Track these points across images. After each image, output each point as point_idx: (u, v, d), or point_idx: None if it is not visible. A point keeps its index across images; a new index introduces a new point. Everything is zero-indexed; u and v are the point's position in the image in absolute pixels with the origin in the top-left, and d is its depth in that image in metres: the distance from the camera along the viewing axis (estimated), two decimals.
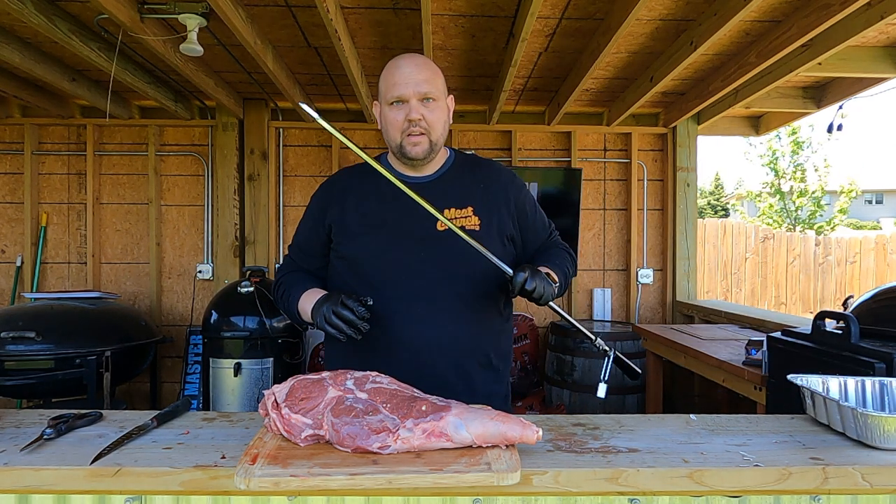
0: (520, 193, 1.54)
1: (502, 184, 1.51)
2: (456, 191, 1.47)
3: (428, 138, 1.40)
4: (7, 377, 2.94)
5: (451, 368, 1.39)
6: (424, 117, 1.38)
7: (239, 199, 4.18)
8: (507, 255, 1.47)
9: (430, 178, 1.50)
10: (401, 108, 1.39)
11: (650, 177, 4.51)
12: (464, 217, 1.43)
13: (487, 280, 1.42)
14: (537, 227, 1.58)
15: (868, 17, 2.49)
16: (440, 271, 1.39)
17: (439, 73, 1.44)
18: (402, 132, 1.41)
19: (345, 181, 1.55)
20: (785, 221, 12.95)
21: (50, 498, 0.94)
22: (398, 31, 2.90)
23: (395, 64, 1.41)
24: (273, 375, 3.42)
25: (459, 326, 1.40)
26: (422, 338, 1.38)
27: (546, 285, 1.30)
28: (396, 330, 1.38)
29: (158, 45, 2.73)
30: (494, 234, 1.45)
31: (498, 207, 1.47)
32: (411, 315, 1.38)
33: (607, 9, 2.62)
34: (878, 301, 1.91)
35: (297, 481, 0.85)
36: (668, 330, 3.39)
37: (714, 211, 27.03)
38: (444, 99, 1.43)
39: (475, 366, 1.43)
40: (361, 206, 1.47)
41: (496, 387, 1.48)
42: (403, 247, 1.40)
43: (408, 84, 1.37)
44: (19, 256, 4.19)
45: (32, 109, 4.09)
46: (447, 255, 1.39)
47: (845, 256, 7.89)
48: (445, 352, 1.39)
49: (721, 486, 0.92)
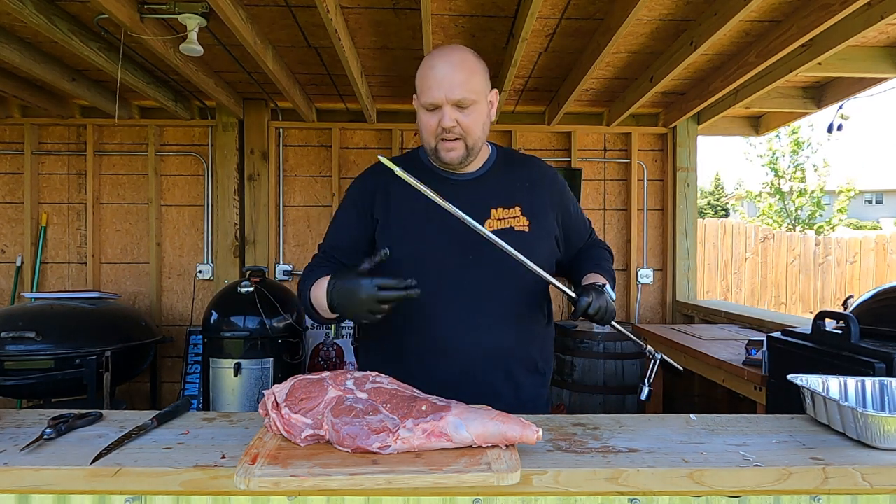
0: (563, 192, 1.48)
1: (546, 182, 1.45)
2: (502, 189, 1.39)
3: (464, 143, 1.32)
4: (7, 377, 2.94)
5: (499, 376, 1.34)
6: (459, 123, 1.29)
7: (239, 199, 4.18)
8: (554, 257, 1.43)
9: (473, 176, 1.41)
10: (435, 113, 1.30)
11: (650, 177, 4.51)
12: (512, 217, 1.36)
13: (536, 282, 1.36)
14: (580, 226, 1.53)
15: (868, 17, 2.49)
16: (488, 274, 1.31)
17: (477, 69, 1.32)
18: (436, 137, 1.32)
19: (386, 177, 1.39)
20: (785, 221, 12.95)
21: (50, 498, 0.94)
22: (398, 31, 2.90)
23: (429, 63, 1.31)
24: (273, 375, 3.42)
25: (508, 333, 1.34)
26: (470, 345, 1.31)
27: (608, 305, 1.25)
28: (443, 337, 1.31)
29: (158, 45, 2.73)
30: (544, 234, 1.39)
31: (544, 206, 1.41)
32: (458, 321, 1.31)
33: (607, 9, 2.62)
34: (878, 301, 1.91)
35: (297, 481, 0.85)
36: (668, 330, 3.40)
37: (714, 211, 27.03)
38: (482, 99, 1.32)
39: (523, 372, 1.38)
40: (404, 204, 1.37)
41: (542, 390, 1.44)
42: (449, 248, 1.33)
43: (441, 88, 1.27)
44: (19, 256, 4.19)
45: (32, 109, 4.09)
46: (495, 256, 1.31)
47: (845, 256, 7.88)
48: (495, 360, 1.33)
49: (721, 486, 0.92)
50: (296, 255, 4.35)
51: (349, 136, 4.38)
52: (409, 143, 4.38)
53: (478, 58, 1.33)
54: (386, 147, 4.36)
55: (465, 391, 1.09)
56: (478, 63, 1.32)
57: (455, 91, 1.26)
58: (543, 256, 1.38)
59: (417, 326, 1.31)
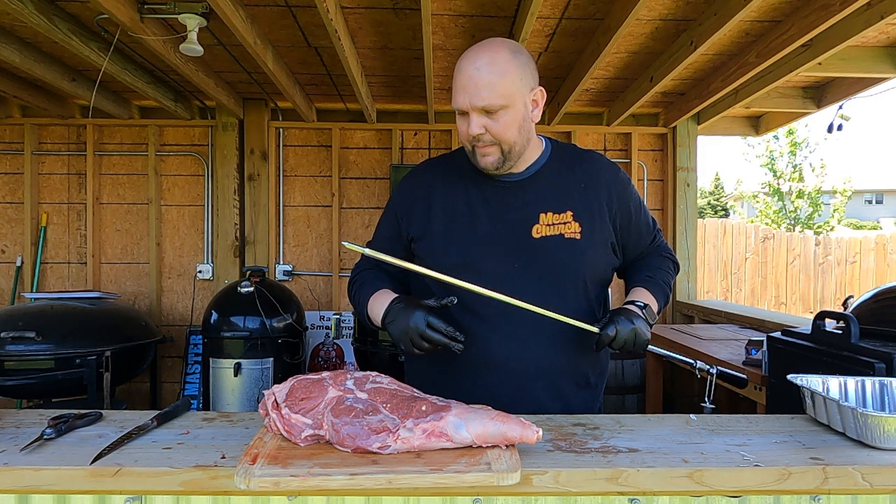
0: (624, 192, 1.36)
1: (605, 182, 1.33)
2: (553, 191, 1.30)
3: (499, 149, 1.23)
4: (7, 377, 2.94)
5: (547, 392, 1.28)
6: (488, 129, 1.21)
7: (239, 199, 4.17)
8: (610, 265, 1.36)
9: (522, 176, 1.32)
10: (465, 118, 1.22)
11: (650, 177, 4.51)
12: (562, 223, 1.27)
13: (587, 291, 1.31)
14: (641, 230, 1.42)
15: (868, 17, 2.49)
16: (534, 282, 1.24)
17: (510, 69, 1.19)
18: (470, 143, 1.25)
19: (430, 180, 1.36)
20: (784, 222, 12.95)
21: (50, 498, 0.94)
22: (398, 31, 2.90)
23: (459, 64, 1.22)
24: (273, 375, 3.42)
25: (558, 346, 1.27)
26: (517, 359, 1.26)
27: (638, 336, 1.19)
28: (488, 350, 1.26)
29: (158, 45, 2.73)
30: (598, 241, 1.30)
31: (601, 210, 1.31)
32: (505, 334, 1.25)
33: (607, 9, 2.62)
34: (878, 301, 1.91)
35: (297, 481, 0.85)
36: (668, 330, 3.40)
37: (714, 211, 27.03)
38: (516, 102, 1.21)
39: (573, 387, 1.32)
40: (448, 209, 1.31)
41: (592, 404, 1.37)
42: (494, 256, 1.25)
43: (465, 94, 1.19)
44: (19, 256, 4.19)
45: (32, 109, 4.09)
46: (544, 264, 1.25)
47: (845, 256, 7.88)
48: (543, 375, 1.27)
49: (721, 486, 0.92)
50: (296, 255, 4.35)
51: (349, 136, 4.37)
52: (409, 143, 4.38)
53: (515, 53, 1.21)
54: (386, 147, 4.36)
55: (512, 407, 1.06)
56: (512, 61, 1.20)
57: (479, 97, 1.18)
58: (596, 265, 1.32)
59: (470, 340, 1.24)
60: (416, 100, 4.13)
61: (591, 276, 1.32)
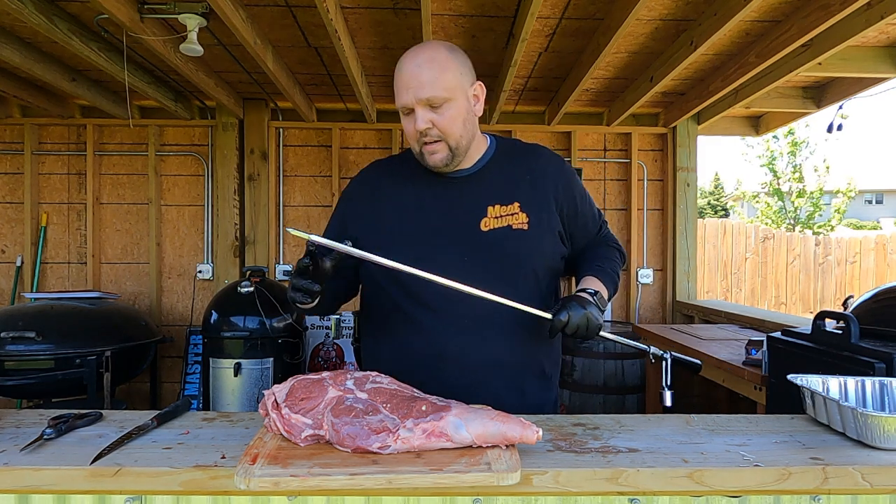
0: (570, 183, 1.39)
1: (551, 173, 1.36)
2: (500, 184, 1.33)
3: (445, 144, 1.26)
4: (7, 377, 2.94)
5: (505, 384, 1.29)
6: (435, 124, 1.23)
7: (239, 199, 4.17)
8: (558, 254, 1.38)
9: (469, 172, 1.35)
10: (410, 117, 1.26)
11: (650, 177, 4.51)
12: (510, 215, 1.30)
13: (538, 281, 1.32)
14: (587, 220, 1.44)
15: (868, 17, 2.49)
16: (485, 275, 1.23)
17: (449, 65, 1.24)
18: (419, 141, 1.28)
19: (378, 180, 1.40)
20: (784, 222, 12.96)
21: (50, 498, 0.94)
22: (398, 31, 2.90)
23: (398, 65, 1.26)
24: (273, 375, 3.42)
25: (513, 339, 1.29)
26: (471, 351, 1.26)
27: (591, 321, 1.19)
28: (443, 344, 1.26)
29: (158, 45, 2.73)
30: (546, 231, 1.32)
31: (547, 201, 1.33)
32: (457, 326, 1.26)
33: (607, 9, 2.62)
34: (878, 301, 1.91)
35: (297, 481, 0.85)
36: (668, 330, 3.40)
37: (714, 211, 27.02)
38: (458, 95, 1.24)
39: (529, 378, 1.34)
40: (397, 208, 1.33)
41: (547, 394, 1.39)
42: (443, 249, 1.26)
43: (409, 90, 1.22)
44: (19, 256, 4.19)
45: (32, 109, 4.09)
46: (493, 256, 1.27)
47: (845, 256, 7.89)
48: (498, 366, 1.28)
49: (721, 486, 0.92)
50: (296, 255, 4.35)
51: (349, 136, 4.38)
52: (408, 142, 4.37)
53: (452, 51, 1.26)
54: (386, 147, 4.36)
55: (467, 399, 1.07)
56: (450, 58, 1.24)
57: (423, 91, 1.21)
58: (545, 255, 1.34)
59: (419, 330, 1.27)
60: None
61: (541, 266, 1.34)
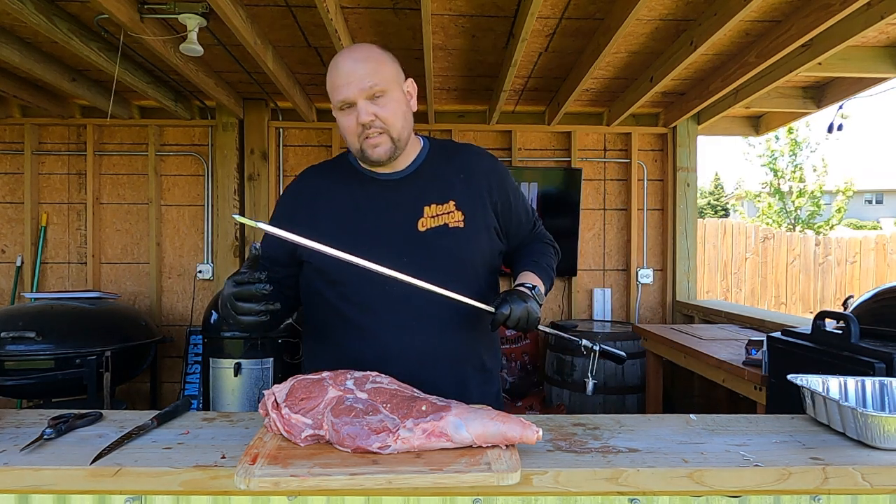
0: (503, 181, 1.42)
1: (483, 171, 1.39)
2: (435, 184, 1.34)
3: (388, 136, 1.27)
4: (7, 377, 2.94)
5: (446, 379, 1.30)
6: (377, 116, 1.24)
7: (239, 199, 4.17)
8: (496, 250, 1.40)
9: (404, 174, 1.36)
10: (350, 111, 1.25)
11: (650, 177, 4.51)
12: (446, 213, 1.31)
13: (477, 278, 1.35)
14: (521, 218, 1.47)
15: (868, 17, 2.49)
16: (425, 274, 1.23)
17: (386, 60, 1.28)
18: (359, 137, 1.27)
19: (313, 184, 1.41)
20: (784, 221, 12.96)
21: (50, 498, 0.94)
22: (398, 31, 2.90)
23: (333, 63, 1.27)
24: (273, 375, 3.42)
25: (452, 334, 1.31)
26: (413, 350, 1.28)
27: (530, 314, 1.22)
28: (384, 343, 1.28)
29: (158, 45, 2.73)
30: (481, 227, 1.35)
31: (481, 198, 1.36)
32: (398, 326, 1.28)
33: (607, 9, 2.62)
34: (878, 301, 1.91)
35: (297, 481, 0.85)
36: (668, 330, 3.39)
37: (714, 211, 27.01)
38: (398, 88, 1.28)
39: (470, 372, 1.37)
40: (334, 211, 1.34)
41: (488, 387, 1.42)
42: (381, 251, 1.24)
43: (350, 84, 1.22)
44: (19, 256, 4.19)
45: (32, 109, 4.09)
46: (431, 255, 1.29)
47: (845, 256, 7.89)
48: (439, 363, 1.30)
49: (721, 486, 0.92)
50: None
51: None
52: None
53: (384, 50, 1.30)
54: None
55: None
56: (384, 54, 1.29)
57: (365, 81, 1.22)
58: (482, 252, 1.35)
59: (358, 331, 1.28)
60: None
61: (479, 263, 1.35)
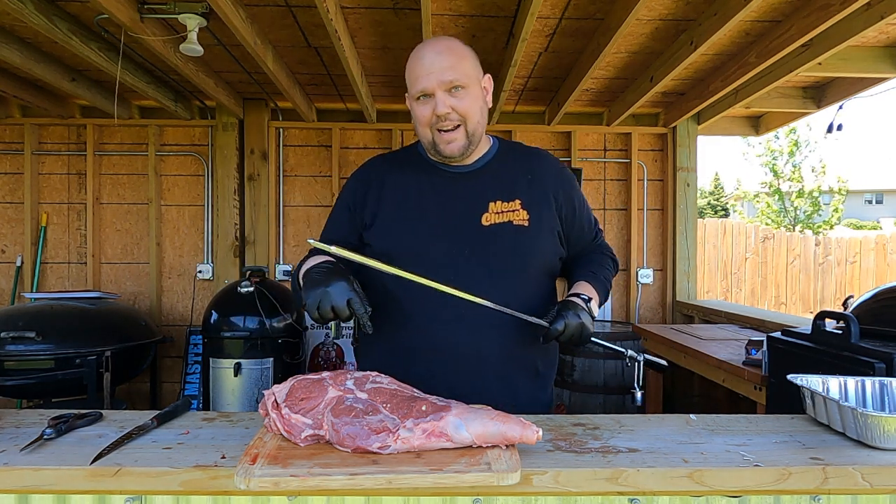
0: (569, 187, 1.41)
1: (551, 175, 1.39)
2: (502, 181, 1.34)
3: (464, 130, 1.27)
4: (7, 377, 2.94)
5: (495, 379, 1.29)
6: (455, 108, 1.25)
7: (239, 199, 4.17)
8: (557, 255, 1.39)
9: (472, 168, 1.36)
10: (427, 102, 1.27)
11: (650, 177, 4.51)
12: (511, 211, 1.31)
13: (536, 278, 1.33)
14: (584, 225, 1.46)
15: (868, 17, 2.49)
16: (484, 269, 1.25)
17: (467, 55, 1.29)
18: (433, 127, 1.28)
19: (382, 170, 1.41)
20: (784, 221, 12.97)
21: (50, 498, 0.94)
22: (398, 31, 2.90)
23: (416, 54, 1.30)
24: (273, 375, 3.42)
25: (506, 333, 1.28)
26: (464, 345, 1.27)
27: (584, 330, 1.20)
28: (436, 336, 1.27)
29: (158, 45, 2.73)
30: (545, 229, 1.34)
31: (547, 200, 1.35)
32: (449, 320, 1.26)
33: (607, 9, 2.62)
34: (878, 301, 1.91)
35: (297, 481, 0.85)
36: (668, 330, 3.39)
37: (714, 211, 27.01)
38: (475, 83, 1.28)
39: (521, 376, 1.34)
40: (399, 197, 1.34)
41: (540, 394, 1.39)
42: (444, 242, 1.27)
43: (430, 74, 1.24)
44: (19, 256, 4.19)
45: (32, 109, 4.09)
46: (493, 251, 1.27)
47: (845, 256, 7.89)
48: (490, 361, 1.28)
49: (721, 486, 0.92)
50: (296, 255, 4.35)
51: (349, 136, 4.37)
52: (408, 142, 4.36)
53: (465, 45, 1.31)
54: (386, 147, 4.35)
55: (460, 394, 1.07)
56: (465, 49, 1.30)
57: (446, 74, 1.23)
58: (544, 253, 1.35)
59: (415, 325, 1.28)
60: None
61: (540, 264, 1.35)
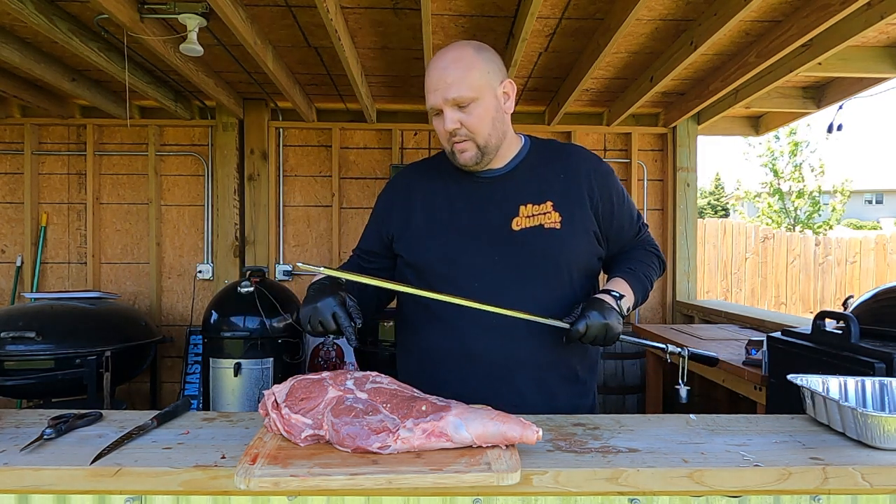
0: (605, 182, 1.35)
1: (585, 172, 1.34)
2: (533, 184, 1.32)
3: (474, 143, 1.26)
4: (7, 377, 2.94)
5: (530, 384, 1.27)
6: (463, 124, 1.24)
7: (239, 199, 4.17)
8: (594, 254, 1.36)
9: (501, 172, 1.34)
10: (439, 117, 1.27)
11: (650, 177, 4.51)
12: (542, 214, 1.29)
13: (571, 281, 1.31)
14: (623, 222, 1.40)
15: (868, 17, 2.49)
16: (516, 274, 1.24)
17: (475, 64, 1.24)
18: (448, 141, 1.28)
19: (411, 181, 1.42)
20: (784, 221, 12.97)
21: (50, 498, 0.94)
22: (398, 31, 2.90)
23: (428, 68, 1.28)
24: (273, 375, 3.42)
25: (539, 338, 1.26)
26: (495, 350, 1.26)
27: (609, 329, 1.18)
28: (469, 342, 1.27)
29: (158, 45, 2.73)
30: (579, 231, 1.30)
31: (581, 199, 1.31)
32: (484, 326, 1.25)
33: (607, 9, 2.62)
34: (878, 301, 1.91)
35: (297, 481, 0.85)
36: (668, 330, 3.40)
37: (714, 211, 27.01)
38: (485, 94, 1.25)
39: (558, 380, 1.31)
40: (428, 206, 1.35)
41: (581, 400, 1.35)
42: (474, 249, 1.27)
43: (437, 91, 1.24)
44: (19, 256, 4.19)
45: (32, 109, 4.09)
46: (525, 255, 1.26)
47: (845, 256, 7.89)
48: (524, 367, 1.27)
49: (721, 486, 0.92)
50: (296, 256, 4.35)
51: (349, 136, 4.37)
52: (408, 143, 4.38)
53: (479, 51, 1.27)
54: (386, 147, 4.36)
55: (495, 400, 1.06)
56: (477, 57, 1.25)
57: (449, 91, 1.22)
58: (578, 255, 1.32)
59: (444, 327, 1.28)
60: (416, 100, 4.13)
61: (575, 266, 1.32)
